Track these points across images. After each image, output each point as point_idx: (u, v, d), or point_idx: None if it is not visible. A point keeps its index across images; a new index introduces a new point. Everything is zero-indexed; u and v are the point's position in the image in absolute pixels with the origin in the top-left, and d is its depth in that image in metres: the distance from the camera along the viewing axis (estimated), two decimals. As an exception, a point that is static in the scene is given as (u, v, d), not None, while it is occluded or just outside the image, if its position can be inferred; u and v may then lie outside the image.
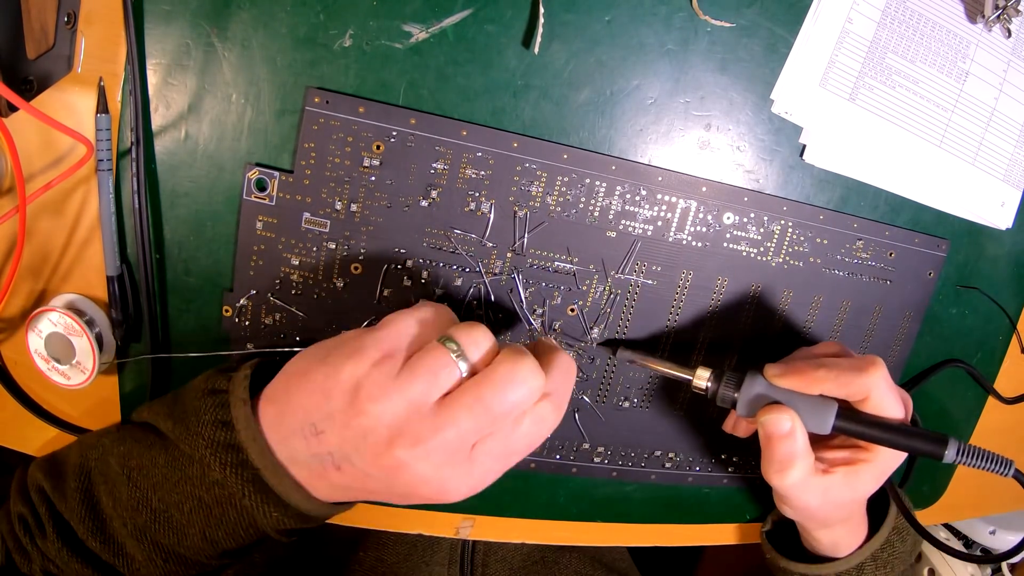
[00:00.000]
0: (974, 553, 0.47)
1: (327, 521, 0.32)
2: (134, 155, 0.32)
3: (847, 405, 0.33)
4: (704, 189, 0.36)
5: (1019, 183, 0.40)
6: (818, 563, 0.39)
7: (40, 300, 0.35)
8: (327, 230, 0.34)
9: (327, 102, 0.32)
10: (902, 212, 0.39)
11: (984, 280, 0.43)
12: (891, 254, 0.39)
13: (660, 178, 0.35)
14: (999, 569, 0.62)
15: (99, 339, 0.34)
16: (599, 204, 0.35)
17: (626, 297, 0.37)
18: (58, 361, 0.35)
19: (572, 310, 0.37)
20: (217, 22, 0.31)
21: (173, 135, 0.33)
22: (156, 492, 0.29)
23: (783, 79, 0.35)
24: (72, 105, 0.32)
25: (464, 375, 0.27)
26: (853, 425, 0.32)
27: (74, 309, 0.34)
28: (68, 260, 0.35)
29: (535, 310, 0.36)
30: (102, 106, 0.32)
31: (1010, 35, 0.38)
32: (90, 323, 0.34)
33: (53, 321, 0.34)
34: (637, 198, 0.35)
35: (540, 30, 0.32)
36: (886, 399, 0.32)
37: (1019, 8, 0.36)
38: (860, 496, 0.36)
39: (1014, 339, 0.45)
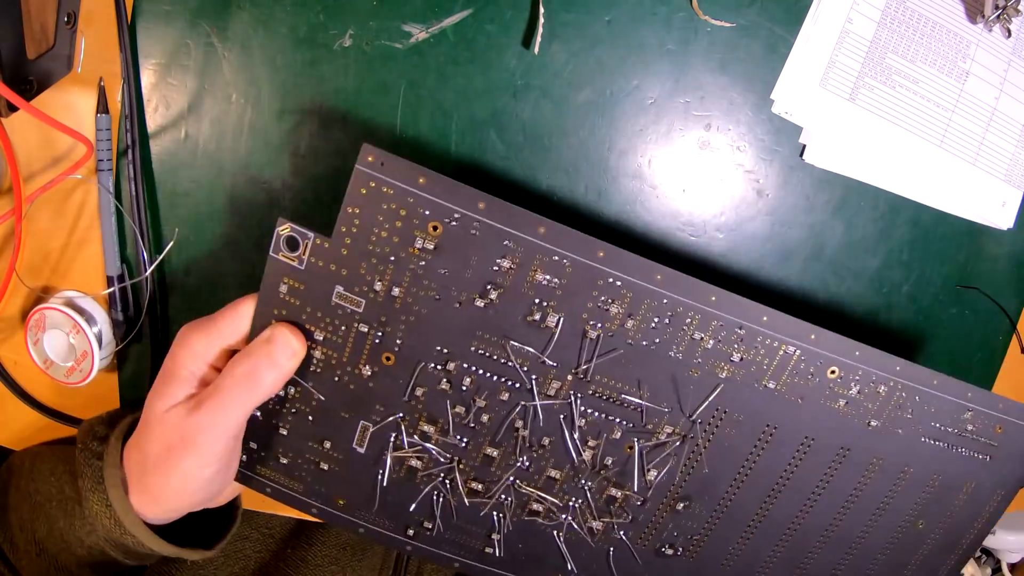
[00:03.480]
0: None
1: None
2: (131, 157, 0.32)
3: None
4: (813, 336, 0.31)
5: (1020, 183, 0.40)
6: None
7: (40, 300, 0.35)
8: (361, 310, 0.29)
9: (382, 163, 0.27)
10: (902, 212, 0.39)
11: (984, 280, 0.43)
12: (999, 429, 0.34)
13: (766, 318, 0.30)
14: (999, 569, 0.62)
15: (99, 337, 0.34)
16: (687, 337, 0.30)
17: (695, 443, 0.32)
18: (58, 359, 0.35)
19: (630, 447, 0.32)
20: (217, 22, 0.31)
21: (173, 135, 0.33)
22: (41, 486, 0.32)
23: (783, 79, 0.35)
24: (72, 105, 0.32)
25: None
26: None
27: (73, 306, 0.34)
28: (68, 259, 0.35)
29: (587, 441, 0.32)
30: (102, 106, 0.32)
31: (1010, 35, 0.38)
32: (90, 320, 0.34)
33: (52, 318, 0.34)
34: (732, 337, 0.30)
35: (540, 30, 0.32)
36: None
37: (1019, 8, 0.36)
38: None
39: (1014, 339, 0.45)
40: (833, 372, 0.31)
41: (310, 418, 0.32)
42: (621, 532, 0.34)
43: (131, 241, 0.34)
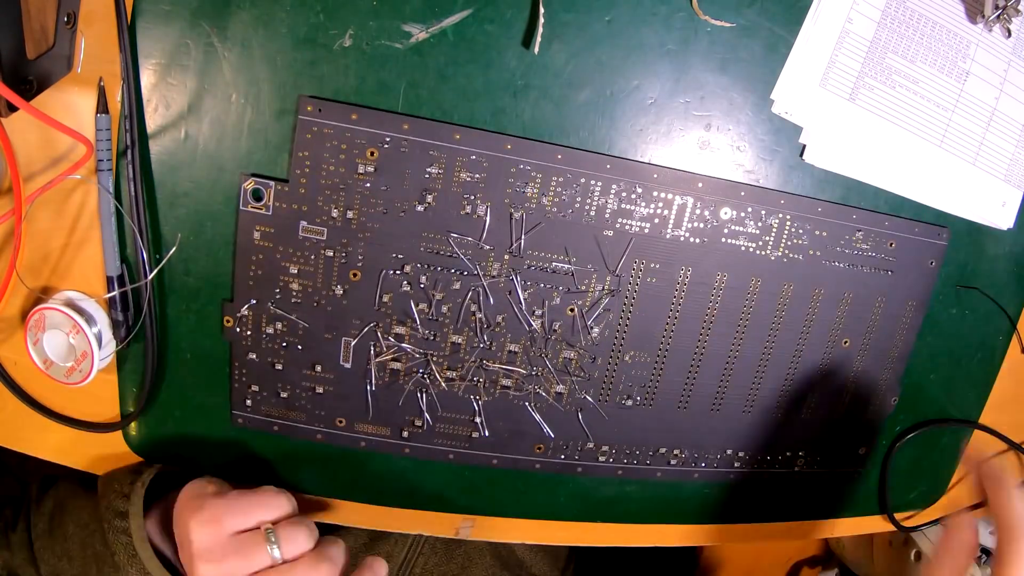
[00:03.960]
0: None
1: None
2: (130, 157, 0.32)
3: None
4: (700, 185, 0.36)
5: (1020, 183, 0.40)
6: None
7: (40, 300, 0.35)
8: (324, 238, 0.34)
9: (320, 110, 0.32)
10: (902, 211, 0.39)
11: (984, 280, 0.43)
12: (891, 244, 0.39)
13: (656, 175, 0.35)
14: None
15: (98, 337, 0.34)
16: (595, 203, 0.35)
17: (625, 295, 0.37)
18: (57, 359, 0.35)
19: (571, 310, 0.37)
20: (217, 22, 0.31)
21: (173, 135, 0.33)
22: (72, 533, 0.38)
23: (783, 79, 0.35)
24: (72, 105, 0.32)
25: (279, 560, 0.32)
26: None
27: (73, 307, 0.34)
28: (68, 259, 0.35)
29: (534, 311, 0.36)
30: (102, 106, 0.32)
31: (1010, 35, 0.38)
32: (89, 320, 0.34)
33: (52, 319, 0.34)
34: (633, 196, 0.35)
35: (540, 30, 0.32)
36: None
37: (1019, 8, 0.36)
38: None
39: (1014, 339, 0.45)
40: (726, 213, 0.36)
41: (299, 347, 0.36)
42: (584, 393, 0.39)
43: (131, 241, 0.34)
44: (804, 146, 0.37)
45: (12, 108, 0.28)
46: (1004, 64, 0.38)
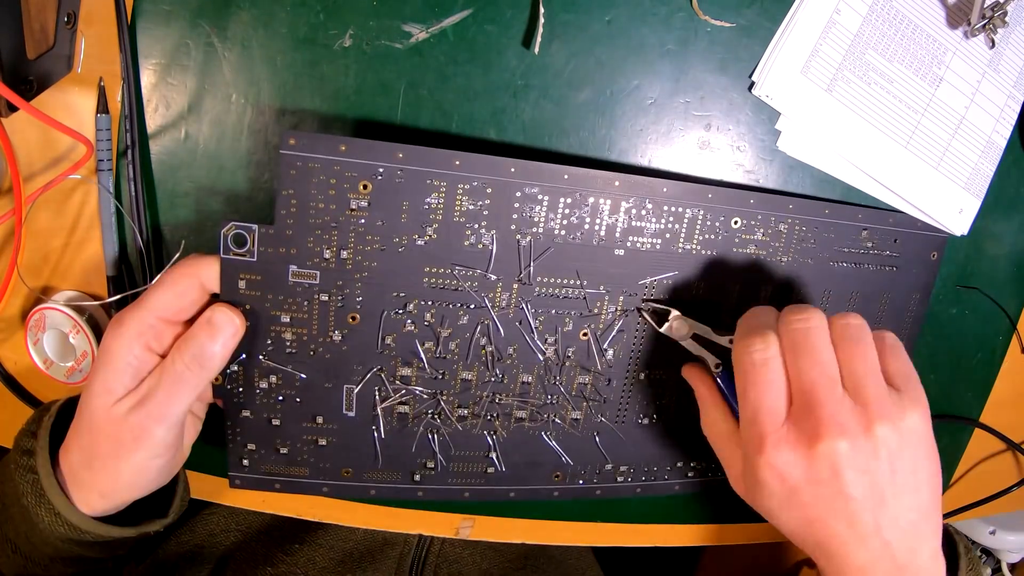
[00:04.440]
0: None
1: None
2: (131, 157, 0.32)
3: None
4: (710, 196, 0.34)
5: (980, 192, 0.40)
6: None
7: (40, 300, 0.35)
8: (317, 281, 0.31)
9: (304, 143, 0.29)
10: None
11: (984, 280, 0.43)
12: (896, 240, 0.39)
13: (665, 189, 0.34)
14: (999, 569, 0.62)
15: (99, 337, 0.34)
16: (604, 223, 0.33)
17: (639, 315, 0.36)
18: (58, 359, 0.35)
19: (584, 334, 0.35)
20: (217, 22, 0.31)
21: (173, 135, 0.33)
22: (7, 488, 0.32)
23: (766, 62, 0.35)
24: (72, 105, 0.32)
25: None
26: None
27: (74, 307, 0.34)
28: (68, 259, 0.35)
29: (546, 339, 0.35)
30: (102, 106, 0.32)
31: (994, 45, 0.38)
32: (90, 320, 0.34)
33: (52, 318, 0.34)
34: (643, 212, 0.34)
35: (540, 30, 0.32)
36: None
37: (1006, 20, 0.36)
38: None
39: (1014, 339, 0.45)
40: (736, 222, 0.35)
41: (298, 400, 0.34)
42: (600, 416, 0.37)
43: (131, 241, 0.34)
44: (780, 132, 0.36)
45: (12, 108, 0.28)
46: (978, 75, 0.38)
